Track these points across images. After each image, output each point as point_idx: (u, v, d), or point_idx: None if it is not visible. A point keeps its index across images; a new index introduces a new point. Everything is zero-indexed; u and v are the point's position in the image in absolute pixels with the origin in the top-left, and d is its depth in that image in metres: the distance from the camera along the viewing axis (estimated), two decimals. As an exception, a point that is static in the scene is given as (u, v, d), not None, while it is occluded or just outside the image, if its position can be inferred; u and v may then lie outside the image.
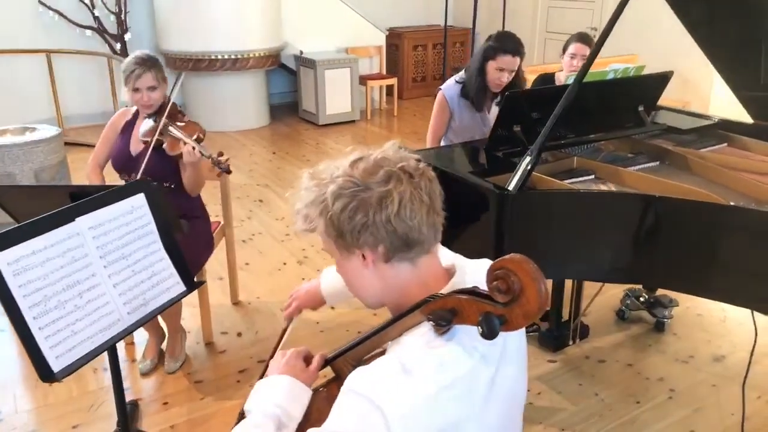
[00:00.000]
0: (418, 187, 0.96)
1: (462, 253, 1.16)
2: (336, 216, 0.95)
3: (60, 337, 1.47)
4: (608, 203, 1.84)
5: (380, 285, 1.00)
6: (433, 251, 1.01)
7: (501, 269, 0.84)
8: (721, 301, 1.85)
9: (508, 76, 2.66)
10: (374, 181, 0.94)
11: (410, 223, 0.94)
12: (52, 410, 2.45)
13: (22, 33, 5.82)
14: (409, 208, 0.94)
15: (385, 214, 0.93)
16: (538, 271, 0.83)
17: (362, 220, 0.94)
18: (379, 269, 0.98)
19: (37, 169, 3.08)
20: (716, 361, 2.74)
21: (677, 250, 1.78)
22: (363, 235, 0.94)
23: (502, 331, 0.83)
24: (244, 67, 6.25)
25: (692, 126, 2.68)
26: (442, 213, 1.01)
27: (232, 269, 3.17)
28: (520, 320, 0.83)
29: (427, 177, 0.99)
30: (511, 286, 0.83)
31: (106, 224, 1.63)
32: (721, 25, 2.45)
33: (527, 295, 0.82)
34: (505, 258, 0.84)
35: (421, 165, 1.00)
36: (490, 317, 0.82)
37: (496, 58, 2.63)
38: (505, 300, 0.83)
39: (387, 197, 0.93)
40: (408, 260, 0.98)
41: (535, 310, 0.82)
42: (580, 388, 2.56)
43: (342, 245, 0.98)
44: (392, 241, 0.95)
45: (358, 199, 0.94)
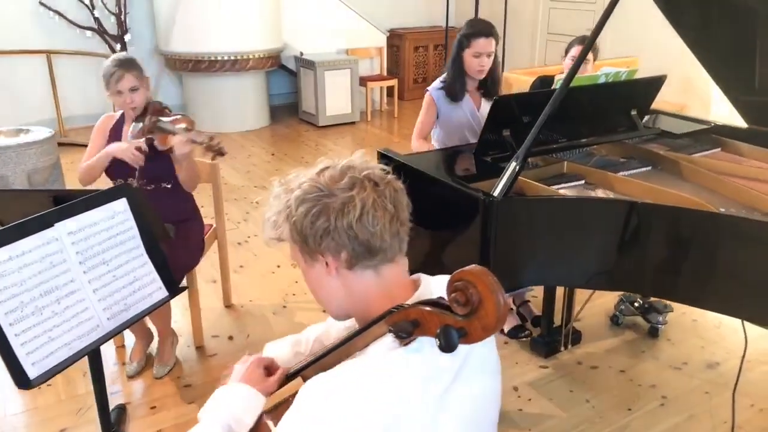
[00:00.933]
0: (382, 195, 0.96)
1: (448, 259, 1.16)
2: (299, 221, 0.96)
3: (36, 343, 1.47)
4: (589, 209, 1.82)
5: (344, 293, 1.00)
6: (397, 261, 1.00)
7: (460, 281, 0.83)
8: (709, 310, 1.82)
9: (487, 60, 2.66)
10: (338, 187, 0.95)
11: (372, 230, 0.94)
12: (40, 413, 2.44)
13: (22, 33, 5.83)
14: (371, 214, 0.94)
15: (346, 219, 0.93)
16: (497, 283, 0.81)
17: (324, 225, 0.94)
18: (342, 276, 0.98)
19: (30, 171, 3.09)
20: (710, 368, 2.71)
21: (662, 257, 1.76)
22: (325, 240, 0.95)
23: (462, 343, 0.82)
24: (243, 68, 6.24)
25: (687, 130, 2.66)
26: (408, 224, 1.01)
27: (224, 272, 3.17)
28: (479, 333, 0.82)
29: (393, 186, 0.99)
30: (470, 298, 0.81)
31: (86, 229, 1.62)
32: (714, 30, 2.43)
33: (486, 307, 0.81)
34: (464, 269, 0.83)
35: (388, 175, 1.00)
36: (449, 329, 0.81)
37: (470, 45, 2.63)
38: (465, 312, 0.82)
39: (349, 203, 0.93)
40: (371, 268, 0.97)
41: (494, 323, 0.81)
42: (571, 395, 2.54)
43: (306, 251, 0.98)
44: (354, 247, 0.94)
45: (321, 204, 0.94)
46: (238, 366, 1.18)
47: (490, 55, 2.65)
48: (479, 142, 2.23)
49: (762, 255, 1.65)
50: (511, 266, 1.84)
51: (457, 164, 2.33)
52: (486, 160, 2.19)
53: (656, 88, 2.51)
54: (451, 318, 0.83)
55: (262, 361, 1.17)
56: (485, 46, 2.62)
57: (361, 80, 6.95)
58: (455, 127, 2.73)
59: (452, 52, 2.73)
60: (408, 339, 0.88)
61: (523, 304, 2.99)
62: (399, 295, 0.97)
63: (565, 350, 2.80)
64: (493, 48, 2.66)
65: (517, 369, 2.70)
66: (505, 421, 2.40)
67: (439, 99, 2.76)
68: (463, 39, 2.67)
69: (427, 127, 2.81)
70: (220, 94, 6.38)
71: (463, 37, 2.68)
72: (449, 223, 1.97)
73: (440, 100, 2.75)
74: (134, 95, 2.47)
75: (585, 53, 1.87)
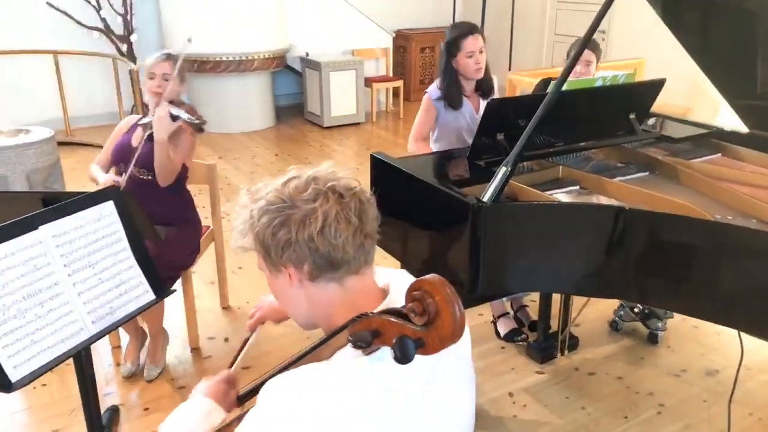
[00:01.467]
0: (346, 207, 0.94)
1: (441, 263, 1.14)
2: (261, 231, 0.95)
3: (18, 346, 1.46)
4: (576, 215, 1.79)
5: (308, 304, 0.99)
6: (363, 272, 0.98)
7: (418, 290, 0.81)
8: (700, 319, 1.79)
9: (481, 57, 2.63)
10: (302, 198, 0.94)
11: (334, 242, 0.92)
12: (33, 414, 2.45)
13: (29, 33, 5.87)
14: (333, 227, 0.92)
15: (307, 231, 0.92)
16: (455, 294, 0.80)
17: (285, 237, 0.93)
18: (306, 288, 0.97)
19: (29, 171, 3.10)
20: (709, 375, 2.68)
21: (649, 264, 1.73)
22: (286, 251, 0.94)
23: (420, 354, 0.80)
24: (249, 69, 6.25)
25: (687, 135, 2.62)
26: (376, 236, 1.00)
27: (221, 273, 3.17)
28: (436, 344, 0.80)
29: (359, 198, 0.97)
30: (427, 308, 0.80)
31: (71, 232, 1.62)
32: (713, 33, 2.39)
33: (442, 318, 0.79)
34: (423, 279, 0.81)
35: (355, 187, 0.98)
36: (404, 340, 0.79)
37: (461, 47, 2.60)
38: (422, 322, 0.81)
39: (311, 215, 0.92)
40: (335, 281, 0.96)
41: (449, 334, 0.79)
42: (567, 401, 2.51)
43: (270, 262, 0.97)
44: (315, 260, 0.93)
45: (282, 216, 0.93)
46: (204, 381, 1.19)
47: (482, 51, 2.63)
48: (472, 146, 2.21)
49: (753, 264, 1.62)
50: (500, 272, 1.81)
51: (450, 168, 2.31)
52: (479, 165, 2.17)
53: (655, 92, 2.48)
54: (410, 328, 0.81)
55: (230, 378, 1.17)
56: (475, 43, 2.60)
57: (367, 81, 6.94)
58: (454, 130, 2.71)
59: (441, 61, 2.69)
60: (368, 349, 0.86)
61: (521, 309, 2.97)
62: (365, 306, 0.95)
63: (562, 356, 2.77)
64: (483, 44, 2.64)
65: (512, 374, 2.67)
66: (499, 427, 2.38)
67: (438, 104, 2.72)
68: (451, 44, 2.62)
69: (425, 130, 2.78)
70: (225, 95, 6.40)
71: (450, 43, 2.63)
72: (440, 227, 1.95)
73: (439, 105, 2.72)
74: (164, 82, 2.54)
75: (578, 54, 1.84)
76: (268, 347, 2.73)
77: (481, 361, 2.76)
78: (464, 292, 1.86)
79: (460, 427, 1.03)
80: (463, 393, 1.03)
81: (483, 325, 3.03)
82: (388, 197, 2.23)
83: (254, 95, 6.57)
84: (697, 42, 2.41)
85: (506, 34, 7.55)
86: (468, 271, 1.81)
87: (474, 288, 1.83)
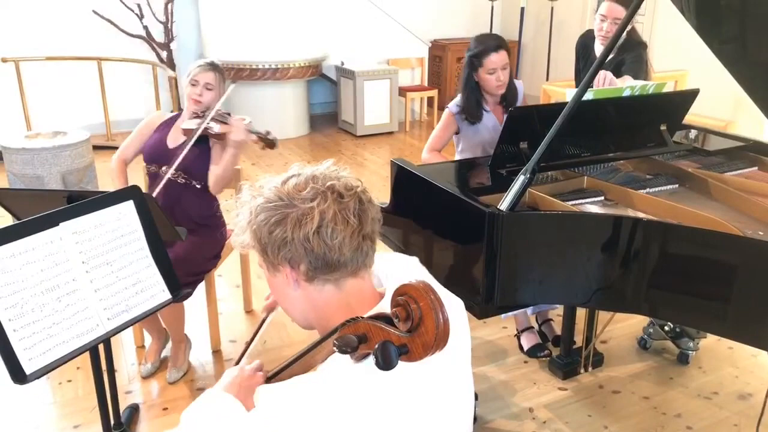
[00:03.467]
0: (345, 208, 0.92)
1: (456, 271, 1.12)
2: (258, 229, 0.94)
3: (34, 339, 1.49)
4: (590, 225, 1.74)
5: (305, 305, 0.98)
6: (361, 275, 0.96)
7: (403, 296, 0.79)
8: (720, 336, 1.71)
9: (503, 74, 2.55)
10: (299, 197, 0.93)
11: (330, 243, 0.91)
12: (57, 408, 2.50)
13: (75, 40, 6.08)
14: (330, 227, 0.91)
15: (303, 231, 0.91)
16: (439, 301, 0.77)
17: (281, 236, 0.92)
18: (303, 288, 0.96)
19: (64, 172, 3.19)
20: (741, 399, 2.56)
21: (669, 279, 1.66)
22: (282, 251, 0.93)
23: (404, 361, 0.78)
24: (284, 77, 6.33)
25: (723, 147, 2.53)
26: (376, 237, 0.98)
27: (245, 277, 3.19)
28: (420, 351, 0.78)
29: (359, 198, 0.95)
30: (411, 314, 0.78)
31: (91, 230, 1.65)
32: (753, 46, 2.31)
33: (426, 324, 0.77)
34: (409, 284, 0.79)
35: (356, 186, 0.97)
36: (387, 346, 0.77)
37: (483, 63, 2.52)
38: (406, 328, 0.78)
39: (308, 214, 0.91)
40: (332, 282, 0.94)
41: (432, 342, 0.77)
42: (588, 419, 2.44)
43: (267, 260, 0.96)
44: (311, 260, 0.92)
45: (279, 214, 0.92)
46: (230, 372, 1.16)
47: (505, 68, 2.55)
48: (494, 155, 2.17)
49: None
50: (513, 283, 1.77)
51: (471, 176, 2.28)
52: (501, 173, 2.13)
53: (688, 103, 2.40)
54: (395, 334, 0.79)
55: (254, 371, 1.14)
56: (498, 61, 2.51)
57: (401, 90, 6.95)
58: (479, 143, 2.66)
59: (463, 74, 2.62)
60: (357, 354, 0.85)
61: (546, 323, 2.90)
62: (360, 310, 0.93)
63: (586, 373, 2.70)
64: (507, 60, 2.55)
65: (534, 389, 2.61)
66: (517, 442, 2.33)
67: (458, 119, 2.68)
68: (474, 59, 2.55)
69: (441, 143, 2.71)
70: (261, 102, 6.48)
71: (473, 57, 2.56)
72: (457, 235, 1.92)
73: (460, 119, 2.68)
74: (206, 92, 2.58)
75: (602, 62, 1.80)
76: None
77: (503, 375, 2.71)
78: (481, 301, 1.83)
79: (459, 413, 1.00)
80: (461, 400, 1.00)
81: (507, 338, 2.98)
82: (408, 203, 2.22)
83: (289, 103, 6.64)
84: (734, 54, 2.32)
85: (544, 44, 7.48)
86: (484, 281, 1.78)
87: (490, 297, 1.80)
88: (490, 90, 2.58)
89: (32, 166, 3.15)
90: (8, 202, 1.94)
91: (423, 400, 0.91)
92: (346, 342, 0.82)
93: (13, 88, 5.60)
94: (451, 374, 0.97)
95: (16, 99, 5.61)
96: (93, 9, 6.04)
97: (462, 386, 1.00)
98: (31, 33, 5.91)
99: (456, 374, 0.99)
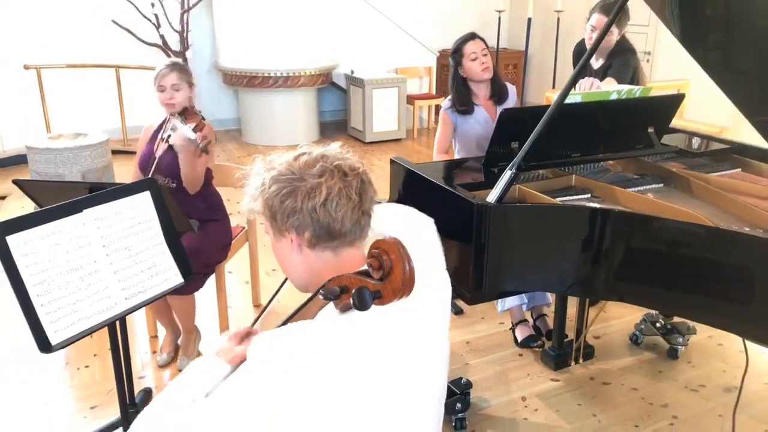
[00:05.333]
0: (348, 186, 1.06)
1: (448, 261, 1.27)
2: (270, 198, 1.07)
3: (60, 314, 1.64)
4: (567, 216, 1.86)
5: (305, 269, 1.11)
6: (357, 245, 1.10)
7: (376, 249, 0.93)
8: (690, 320, 1.83)
9: (486, 59, 2.80)
10: (309, 173, 1.06)
11: (334, 215, 1.04)
12: (75, 391, 2.66)
13: (94, 48, 6.30)
14: (335, 201, 1.04)
15: (312, 203, 1.04)
16: (407, 253, 0.92)
17: (291, 205, 1.05)
18: (304, 254, 1.09)
19: (84, 171, 3.37)
20: (727, 391, 2.66)
21: (637, 267, 1.79)
22: (291, 218, 1.06)
23: (377, 304, 0.92)
24: (295, 85, 6.52)
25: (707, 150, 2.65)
26: (371, 213, 1.11)
27: (254, 273, 3.34)
28: (390, 295, 0.92)
29: (361, 178, 1.09)
30: (383, 264, 0.92)
31: (111, 217, 1.80)
32: (735, 52, 2.42)
33: (395, 272, 0.91)
34: (383, 240, 0.94)
35: (359, 167, 1.10)
36: (362, 290, 0.91)
37: (464, 53, 2.78)
38: (379, 276, 0.92)
39: (317, 188, 1.04)
40: (330, 249, 1.08)
41: (400, 286, 0.91)
42: (578, 408, 2.55)
43: (275, 227, 1.10)
44: (316, 229, 1.05)
45: (291, 186, 1.06)
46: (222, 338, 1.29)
47: (485, 53, 2.79)
48: (487, 154, 2.31)
49: (734, 266, 1.67)
50: (499, 271, 1.90)
51: (464, 173, 2.41)
52: (493, 171, 2.27)
53: (675, 106, 2.52)
54: (370, 283, 0.93)
55: (239, 335, 1.27)
56: (476, 46, 2.79)
57: (409, 98, 7.11)
58: (474, 137, 2.82)
59: (450, 72, 2.90)
60: (340, 303, 0.98)
61: (540, 318, 3.02)
62: (348, 271, 1.07)
63: (578, 365, 2.81)
64: (485, 47, 2.81)
65: (527, 380, 2.72)
66: (509, 428, 2.44)
67: (452, 115, 2.86)
68: (455, 54, 2.84)
69: (446, 143, 2.93)
70: (272, 109, 6.67)
71: (453, 53, 2.86)
72: (450, 227, 2.05)
73: (454, 115, 2.86)
74: (175, 93, 2.64)
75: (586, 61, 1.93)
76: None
77: (498, 366, 2.83)
78: (470, 288, 1.96)
79: (433, 391, 1.13)
80: (436, 361, 1.13)
81: (504, 333, 3.09)
82: (406, 198, 2.36)
83: (300, 110, 6.82)
84: (718, 62, 2.44)
85: (551, 53, 7.61)
86: (473, 269, 1.91)
87: (479, 285, 1.93)
88: (477, 76, 2.79)
89: (54, 165, 3.33)
90: (34, 192, 2.10)
91: (398, 345, 1.03)
92: (330, 291, 0.96)
93: (35, 94, 5.82)
94: (425, 329, 1.11)
95: (37, 105, 5.83)
96: (112, 19, 6.26)
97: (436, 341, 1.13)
98: (53, 41, 6.14)
99: (430, 330, 1.12)
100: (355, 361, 0.97)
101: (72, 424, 2.45)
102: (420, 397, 1.09)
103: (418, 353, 1.08)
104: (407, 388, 1.06)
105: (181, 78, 2.66)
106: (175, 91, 2.65)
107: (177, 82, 2.64)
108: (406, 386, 1.06)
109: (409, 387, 1.07)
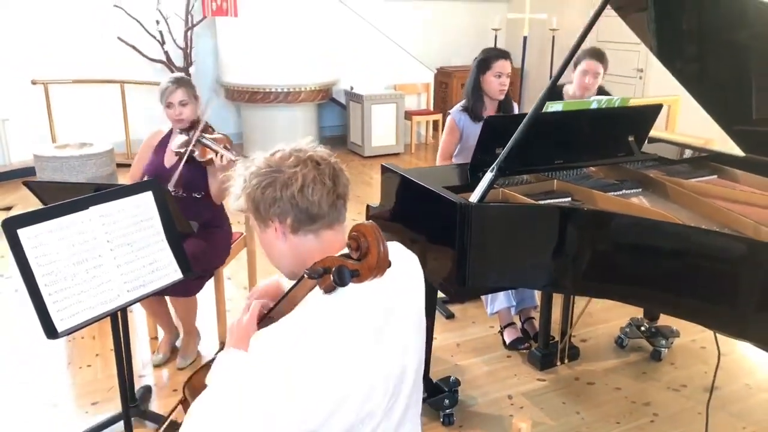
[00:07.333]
0: (322, 173, 1.17)
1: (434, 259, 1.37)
2: (252, 191, 1.18)
3: (66, 303, 1.76)
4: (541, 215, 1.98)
5: (290, 254, 1.21)
6: (336, 229, 1.21)
7: (355, 232, 1.04)
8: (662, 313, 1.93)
9: (506, 81, 2.91)
10: (285, 165, 1.17)
11: (311, 199, 1.15)
12: (78, 388, 2.75)
13: (100, 64, 6.48)
14: (311, 187, 1.15)
15: (290, 190, 1.15)
16: (381, 235, 1.03)
17: (272, 195, 1.16)
18: (289, 240, 1.20)
19: (89, 179, 3.50)
20: (708, 391, 2.72)
21: (614, 262, 1.90)
22: (272, 207, 1.17)
23: (355, 282, 1.03)
24: (296, 100, 6.67)
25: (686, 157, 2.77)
26: (347, 197, 1.22)
27: (252, 277, 3.44)
28: (367, 273, 1.03)
29: (333, 167, 1.20)
30: (361, 245, 1.03)
31: (115, 214, 1.92)
32: (709, 64, 2.55)
33: (371, 252, 1.02)
34: (359, 224, 1.05)
35: (330, 156, 1.22)
36: (342, 269, 1.02)
37: (491, 67, 2.89)
38: (357, 256, 1.03)
39: (293, 177, 1.15)
40: (312, 232, 1.19)
41: (375, 264, 1.02)
42: (562, 406, 2.64)
43: (259, 218, 1.21)
44: (296, 213, 1.16)
45: (270, 178, 1.17)
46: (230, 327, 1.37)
47: (509, 75, 2.89)
48: (472, 159, 2.43)
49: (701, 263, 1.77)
50: (481, 267, 2.01)
51: (450, 177, 2.52)
52: (478, 175, 2.38)
53: (653, 116, 2.64)
54: (349, 263, 1.04)
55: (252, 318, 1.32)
56: (504, 66, 2.89)
57: (407, 114, 7.26)
58: (473, 144, 2.93)
59: (470, 77, 2.98)
60: (323, 283, 1.08)
61: (528, 321, 3.11)
62: (331, 253, 1.18)
63: (564, 366, 2.90)
64: (510, 70, 2.92)
65: (514, 380, 2.81)
66: (494, 424, 2.53)
67: (461, 121, 2.98)
68: (482, 62, 2.93)
69: (450, 148, 3.03)
70: (273, 124, 6.81)
71: (482, 61, 2.93)
72: (435, 226, 2.16)
73: (462, 121, 2.97)
74: (183, 109, 2.76)
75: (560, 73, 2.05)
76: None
77: (486, 367, 2.92)
78: (454, 285, 2.06)
79: (413, 362, 1.23)
80: (415, 335, 1.23)
81: (493, 336, 3.19)
82: (396, 201, 2.48)
83: (300, 125, 6.96)
84: (692, 74, 2.58)
85: (546, 71, 7.78)
86: (457, 266, 2.02)
87: (463, 281, 2.03)
88: (493, 93, 2.90)
89: (61, 172, 3.46)
90: (43, 194, 2.22)
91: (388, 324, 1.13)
92: (314, 271, 1.07)
93: (42, 108, 5.98)
94: (409, 312, 1.21)
95: (44, 119, 5.99)
96: (118, 36, 6.44)
97: (417, 324, 1.24)
98: (60, 57, 6.31)
99: (413, 312, 1.23)
100: (340, 326, 1.07)
101: (73, 418, 2.54)
102: (398, 352, 1.18)
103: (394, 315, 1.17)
104: (387, 345, 1.14)
105: (188, 93, 2.77)
106: (182, 107, 2.76)
107: (184, 98, 2.76)
108: (386, 343, 1.14)
109: (388, 344, 1.15)
